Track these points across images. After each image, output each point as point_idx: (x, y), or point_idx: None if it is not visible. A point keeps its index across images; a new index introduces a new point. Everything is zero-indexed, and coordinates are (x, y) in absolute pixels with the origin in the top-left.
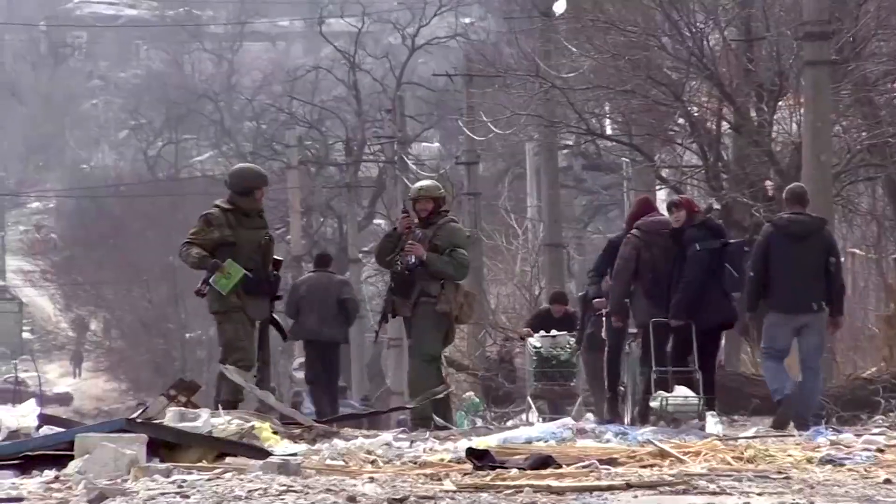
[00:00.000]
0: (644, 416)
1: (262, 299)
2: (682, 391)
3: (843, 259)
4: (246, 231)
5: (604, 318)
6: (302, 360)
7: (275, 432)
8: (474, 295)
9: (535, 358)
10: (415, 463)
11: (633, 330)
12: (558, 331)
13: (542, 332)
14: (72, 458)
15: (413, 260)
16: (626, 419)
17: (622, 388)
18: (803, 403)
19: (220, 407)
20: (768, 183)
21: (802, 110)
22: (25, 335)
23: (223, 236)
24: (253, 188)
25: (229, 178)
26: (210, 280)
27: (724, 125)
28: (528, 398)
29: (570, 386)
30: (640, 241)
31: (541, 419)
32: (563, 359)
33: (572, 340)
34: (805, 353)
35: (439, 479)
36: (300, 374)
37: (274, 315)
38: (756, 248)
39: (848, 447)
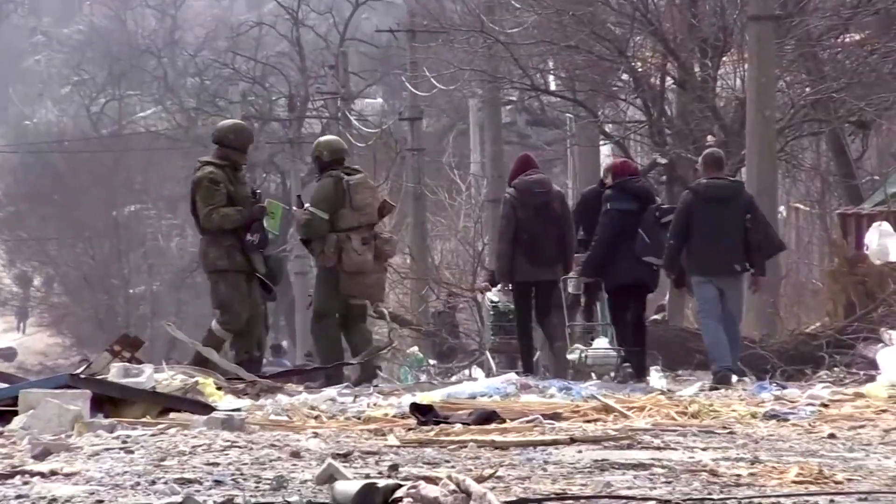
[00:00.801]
0: (561, 369)
1: (258, 253)
2: (600, 344)
3: (785, 215)
4: (240, 186)
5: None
6: None
7: (218, 388)
8: (348, 239)
9: (492, 312)
10: (358, 418)
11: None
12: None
13: (500, 286)
14: (16, 413)
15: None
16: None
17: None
18: (721, 377)
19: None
20: (710, 138)
21: (746, 66)
22: None
23: (227, 193)
24: (250, 143)
25: (232, 134)
26: (266, 225)
27: (668, 81)
28: (487, 353)
29: None
30: (515, 199)
31: (486, 374)
32: None
33: None
34: (725, 314)
35: (383, 435)
36: None
37: None
38: (677, 214)
39: (792, 402)
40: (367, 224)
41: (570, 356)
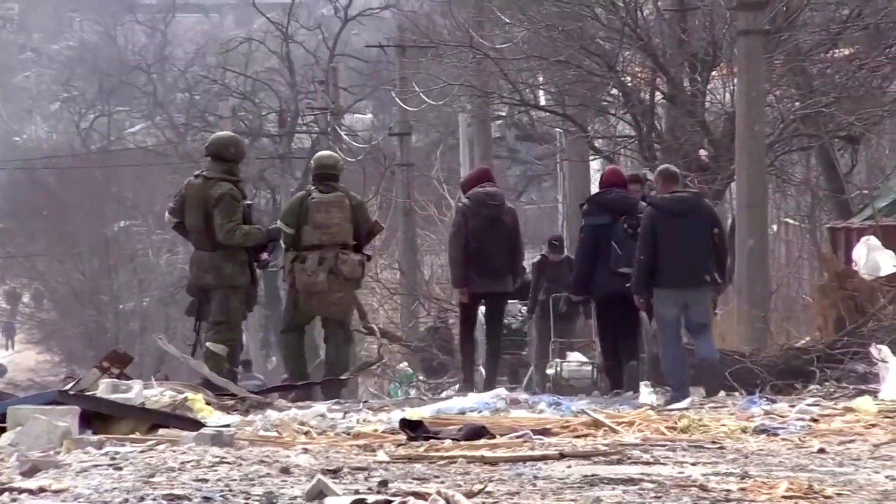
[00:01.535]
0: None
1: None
2: (576, 357)
3: (775, 230)
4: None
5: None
6: None
7: (208, 403)
8: (301, 260)
9: (485, 327)
10: (348, 434)
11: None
12: (512, 299)
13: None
14: (4, 430)
15: None
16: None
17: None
18: (708, 368)
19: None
20: (702, 151)
21: (736, 80)
22: None
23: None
24: (245, 156)
25: (233, 147)
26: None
27: (658, 95)
28: (480, 367)
29: (521, 355)
30: (468, 209)
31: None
32: (514, 328)
33: (524, 309)
34: (694, 326)
35: (373, 450)
36: None
37: None
38: (643, 230)
39: (782, 417)
40: (330, 243)
41: (548, 370)
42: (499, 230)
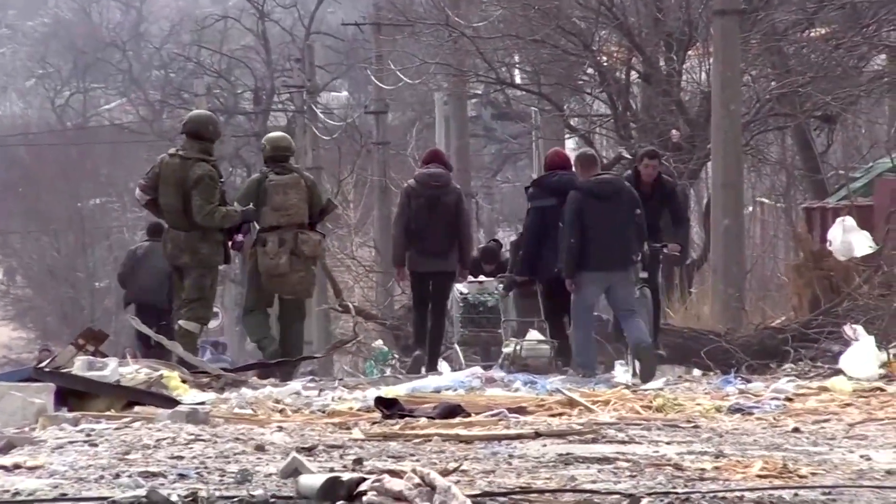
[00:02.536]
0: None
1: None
2: (533, 336)
3: (751, 209)
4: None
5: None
6: None
7: (183, 381)
8: (262, 243)
9: (461, 304)
10: (323, 412)
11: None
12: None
13: (470, 278)
14: None
15: None
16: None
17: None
18: (644, 352)
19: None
20: (674, 132)
21: (711, 60)
22: None
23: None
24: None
25: (211, 126)
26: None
27: (634, 75)
28: (455, 345)
29: (497, 332)
30: (412, 190)
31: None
32: (491, 305)
33: (500, 286)
34: (619, 303)
35: (348, 428)
36: None
37: None
38: (569, 214)
39: (757, 396)
40: (288, 224)
41: (505, 349)
42: (439, 211)
